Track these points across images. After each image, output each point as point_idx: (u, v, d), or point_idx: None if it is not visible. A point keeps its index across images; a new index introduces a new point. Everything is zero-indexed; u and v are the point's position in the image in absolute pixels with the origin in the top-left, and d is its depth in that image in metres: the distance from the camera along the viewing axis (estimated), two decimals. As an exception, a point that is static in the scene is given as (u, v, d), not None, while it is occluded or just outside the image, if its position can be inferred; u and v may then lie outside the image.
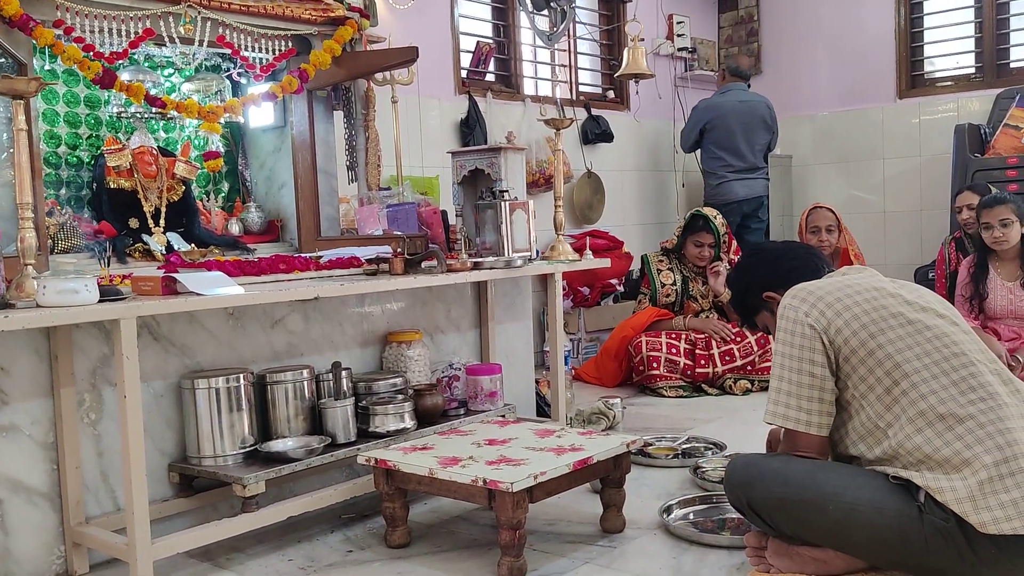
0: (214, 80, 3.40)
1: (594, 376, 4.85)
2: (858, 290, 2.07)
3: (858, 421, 2.01)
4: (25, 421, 2.30)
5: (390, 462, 2.44)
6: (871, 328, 2.00)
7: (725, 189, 5.82)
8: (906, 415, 1.92)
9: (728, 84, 6.02)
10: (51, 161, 3.09)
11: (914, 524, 1.86)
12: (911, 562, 1.91)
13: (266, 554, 2.50)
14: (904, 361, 1.95)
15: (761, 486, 2.06)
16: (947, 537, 1.83)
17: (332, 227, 3.51)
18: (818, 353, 2.02)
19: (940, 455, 1.86)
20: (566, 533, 2.55)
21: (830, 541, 1.99)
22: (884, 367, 1.96)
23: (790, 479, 2.01)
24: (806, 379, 2.03)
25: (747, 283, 2.40)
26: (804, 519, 2.00)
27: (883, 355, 1.97)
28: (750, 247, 2.35)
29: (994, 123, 5.64)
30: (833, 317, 2.02)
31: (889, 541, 1.90)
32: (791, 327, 2.06)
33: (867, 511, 1.90)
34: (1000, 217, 4.11)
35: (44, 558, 2.34)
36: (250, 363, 2.73)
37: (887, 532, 1.89)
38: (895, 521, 1.88)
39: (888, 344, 1.98)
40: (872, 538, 1.91)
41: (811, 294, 2.08)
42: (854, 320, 2.01)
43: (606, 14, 6.33)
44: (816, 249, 2.42)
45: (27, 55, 2.69)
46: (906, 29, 6.37)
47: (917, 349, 1.97)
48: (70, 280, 2.09)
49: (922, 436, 1.89)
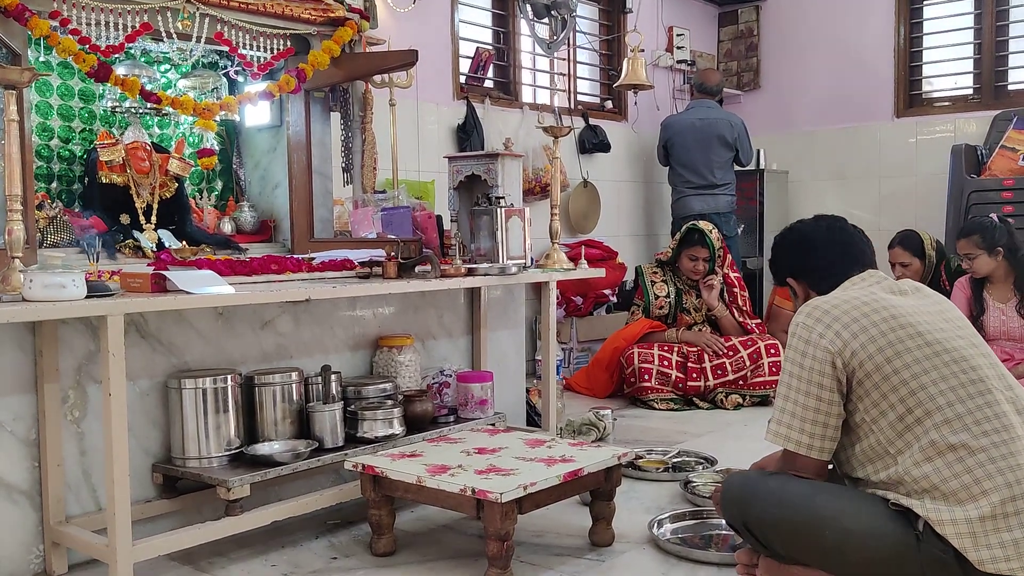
0: (211, 77, 3.38)
1: (585, 386, 4.83)
2: (876, 308, 2.00)
3: (867, 444, 1.96)
4: (7, 417, 2.27)
5: (378, 468, 2.41)
6: (887, 352, 1.94)
7: (683, 204, 5.88)
8: (919, 443, 1.87)
9: (694, 101, 6.07)
10: (43, 154, 3.06)
11: (911, 552, 1.83)
12: None
13: (249, 559, 2.47)
14: (920, 388, 1.90)
15: (758, 506, 2.03)
16: (944, 569, 1.80)
17: (326, 229, 3.48)
18: (828, 377, 1.96)
19: (948, 487, 1.83)
20: (554, 545, 2.52)
21: (824, 564, 1.97)
22: (899, 393, 1.91)
23: (787, 500, 1.98)
24: (812, 402, 1.98)
25: (778, 257, 2.36)
26: (799, 541, 1.97)
27: (899, 380, 1.92)
28: (792, 226, 2.34)
29: (991, 145, 5.65)
30: (849, 339, 1.96)
31: (885, 568, 1.87)
32: (803, 347, 2.00)
33: (864, 537, 1.88)
34: (963, 251, 4.21)
35: (22, 557, 2.30)
36: (238, 364, 2.70)
37: (883, 559, 1.87)
38: (892, 549, 1.85)
39: (904, 369, 1.92)
40: (867, 564, 1.89)
41: (826, 314, 2.01)
42: (871, 343, 1.95)
43: (606, 24, 6.33)
44: (862, 240, 2.28)
45: (22, 46, 2.66)
46: (905, 48, 6.39)
47: (934, 374, 1.91)
48: (57, 274, 2.06)
49: (931, 465, 1.85)
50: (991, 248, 4.15)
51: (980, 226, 4.22)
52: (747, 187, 6.37)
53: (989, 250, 4.15)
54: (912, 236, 4.66)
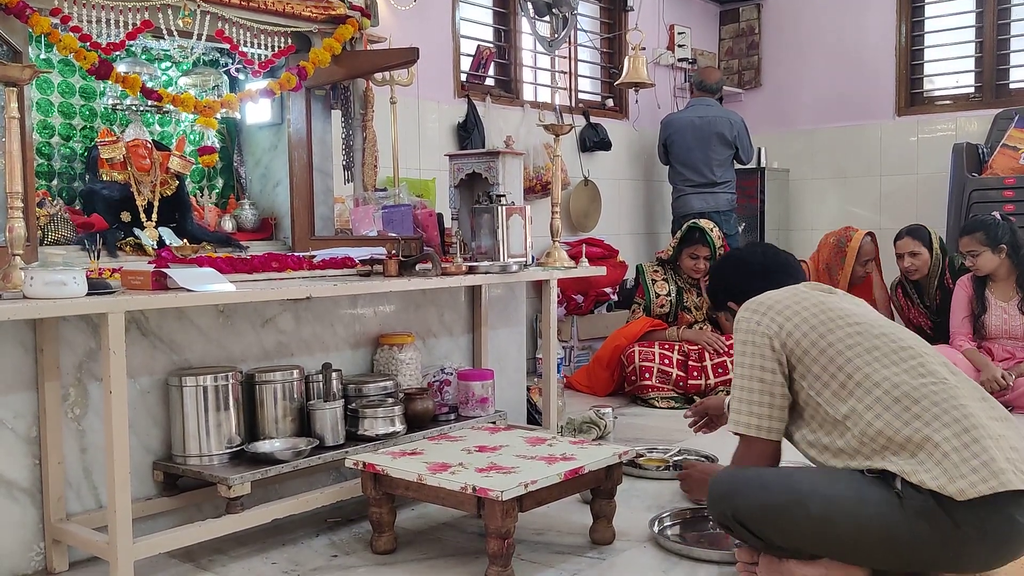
0: (212, 75, 3.37)
1: (586, 385, 4.83)
2: (808, 298, 2.18)
3: (817, 422, 2.07)
4: (8, 414, 2.27)
5: (378, 466, 2.41)
6: (820, 329, 2.09)
7: (682, 202, 5.89)
8: (863, 404, 1.98)
9: (694, 99, 6.07)
10: (44, 151, 3.05)
11: (896, 511, 1.89)
12: (901, 557, 1.93)
13: (249, 556, 2.46)
14: (855, 356, 2.04)
15: (742, 495, 2.06)
16: (929, 519, 1.86)
17: (327, 227, 3.48)
18: (768, 360, 2.11)
19: (901, 436, 1.92)
20: (555, 544, 2.52)
21: (817, 543, 1.99)
22: (836, 363, 2.05)
23: (768, 483, 2.05)
24: (757, 384, 2.12)
25: (716, 285, 2.55)
26: (788, 522, 2.00)
27: (834, 352, 2.06)
28: (729, 252, 2.57)
29: (992, 143, 5.65)
30: (783, 322, 2.12)
31: (875, 533, 1.91)
32: (744, 337, 2.16)
33: (848, 503, 1.93)
34: (967, 249, 4.19)
35: (23, 554, 2.30)
36: (239, 362, 2.70)
37: (871, 524, 1.91)
38: (876, 510, 1.91)
39: (838, 342, 2.07)
40: (858, 531, 1.93)
41: (762, 304, 2.19)
42: (804, 323, 2.11)
43: (607, 22, 6.32)
44: (796, 263, 2.50)
45: (23, 43, 2.65)
46: (907, 47, 6.38)
47: (866, 344, 2.06)
48: (58, 272, 2.06)
49: (881, 421, 1.95)
50: (995, 245, 4.15)
51: (983, 223, 4.21)
52: (748, 185, 6.37)
53: (993, 247, 4.15)
54: (920, 227, 4.65)
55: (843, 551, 1.98)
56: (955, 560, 1.91)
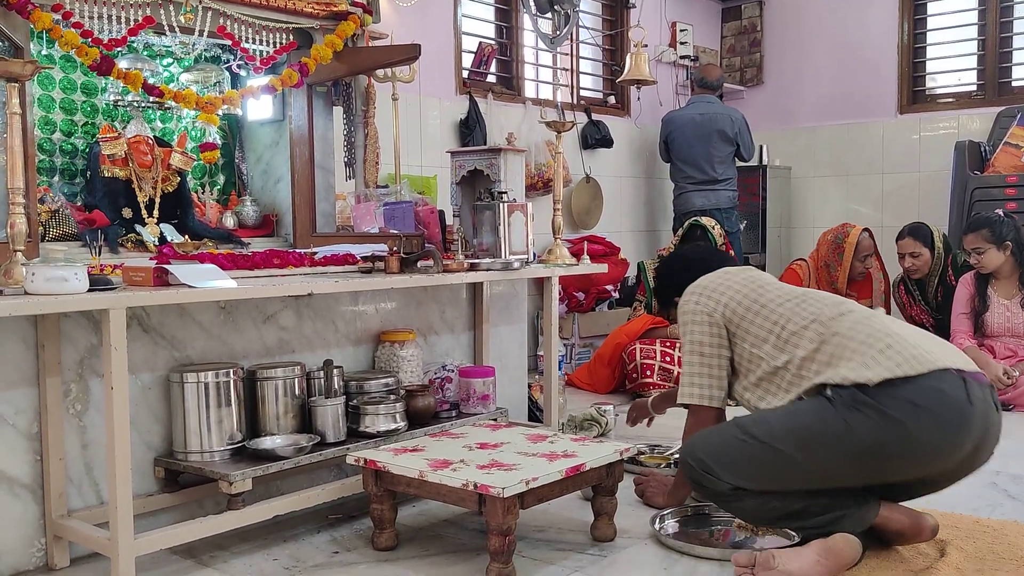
0: (213, 71, 3.36)
1: (587, 382, 4.83)
2: (738, 275, 2.52)
3: (763, 370, 2.33)
4: (9, 411, 2.27)
5: (380, 463, 2.41)
6: (752, 295, 2.42)
7: (684, 200, 5.89)
8: (801, 345, 2.26)
9: (695, 96, 6.06)
10: (45, 148, 3.05)
11: (829, 411, 2.13)
12: (863, 463, 2.13)
13: (251, 553, 2.47)
14: (785, 311, 2.35)
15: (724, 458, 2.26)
16: (860, 409, 2.09)
17: (328, 223, 3.48)
18: (707, 335, 2.41)
19: (826, 354, 2.20)
20: (556, 540, 2.52)
21: (784, 467, 2.18)
22: (770, 319, 2.35)
23: (731, 439, 2.26)
24: (697, 359, 2.43)
25: (663, 284, 2.82)
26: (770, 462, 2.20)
27: (766, 311, 2.37)
28: (670, 254, 2.90)
29: (994, 141, 5.64)
30: (719, 297, 2.44)
31: (821, 440, 2.13)
32: (686, 318, 2.48)
33: (791, 420, 2.19)
34: (972, 246, 4.19)
35: (24, 550, 2.30)
36: (240, 358, 2.70)
37: (813, 431, 2.14)
38: (814, 417, 2.15)
39: (768, 303, 2.39)
40: (810, 443, 2.14)
41: (698, 286, 2.51)
42: (737, 294, 2.43)
43: (609, 19, 6.32)
44: (729, 259, 2.79)
45: (24, 39, 2.65)
46: (909, 45, 6.37)
47: (794, 299, 2.38)
48: (60, 268, 2.06)
49: (818, 353, 2.22)
50: (1000, 242, 4.14)
51: (989, 220, 4.21)
52: (750, 183, 6.37)
53: (998, 244, 4.14)
54: (922, 227, 4.66)
55: (808, 474, 2.18)
56: (915, 452, 2.10)
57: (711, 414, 2.43)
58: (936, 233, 4.62)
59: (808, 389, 2.19)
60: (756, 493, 2.23)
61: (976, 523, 2.53)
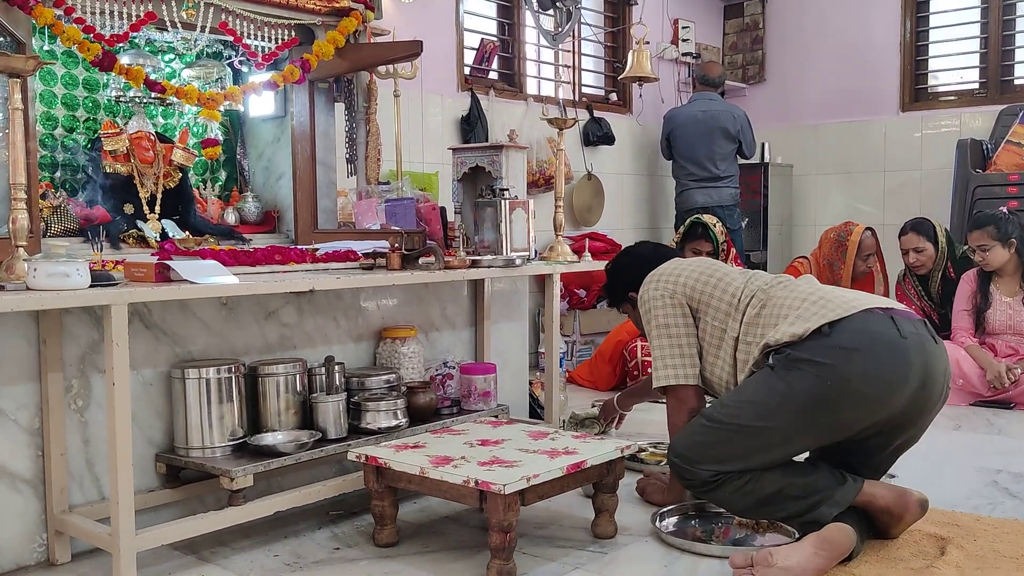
0: (215, 67, 3.37)
1: (588, 379, 4.83)
2: (691, 261, 2.64)
3: (727, 344, 2.44)
4: (11, 406, 2.27)
5: (381, 459, 2.41)
6: (705, 276, 2.54)
7: (686, 197, 5.89)
8: (747, 312, 2.41)
9: (697, 93, 6.05)
10: (47, 143, 3.06)
11: (772, 379, 2.27)
12: (796, 410, 2.23)
13: (252, 548, 2.47)
14: (739, 284, 2.49)
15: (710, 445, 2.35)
16: (794, 365, 2.22)
17: (329, 220, 3.48)
18: (671, 316, 2.51)
19: (767, 318, 2.36)
20: (557, 537, 2.52)
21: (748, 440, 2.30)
22: (728, 291, 2.49)
23: (695, 427, 2.42)
24: (666, 341, 2.51)
25: (615, 281, 2.88)
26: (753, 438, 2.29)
27: (724, 284, 2.51)
28: (619, 253, 2.96)
29: (996, 139, 5.63)
30: (676, 279, 2.55)
31: (773, 405, 2.25)
32: (648, 306, 2.57)
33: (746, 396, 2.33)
34: (977, 243, 4.18)
35: (25, 545, 2.31)
36: (242, 354, 2.70)
37: (763, 398, 2.27)
38: (760, 386, 2.29)
39: (724, 276, 2.53)
40: (760, 411, 2.26)
41: (654, 275, 2.61)
42: (693, 274, 2.55)
43: (611, 16, 6.31)
44: (676, 253, 2.84)
45: (26, 34, 2.65)
46: (911, 43, 6.37)
47: (744, 275, 2.54)
48: (61, 263, 2.05)
49: (761, 316, 2.38)
50: (1005, 239, 4.14)
51: (994, 218, 4.20)
52: (752, 181, 6.36)
53: (1003, 241, 4.14)
54: (924, 222, 4.64)
55: (770, 441, 2.28)
56: (859, 395, 2.17)
57: (689, 392, 2.52)
58: (938, 228, 4.61)
59: (757, 360, 2.34)
60: (734, 477, 2.30)
61: (977, 521, 2.54)
